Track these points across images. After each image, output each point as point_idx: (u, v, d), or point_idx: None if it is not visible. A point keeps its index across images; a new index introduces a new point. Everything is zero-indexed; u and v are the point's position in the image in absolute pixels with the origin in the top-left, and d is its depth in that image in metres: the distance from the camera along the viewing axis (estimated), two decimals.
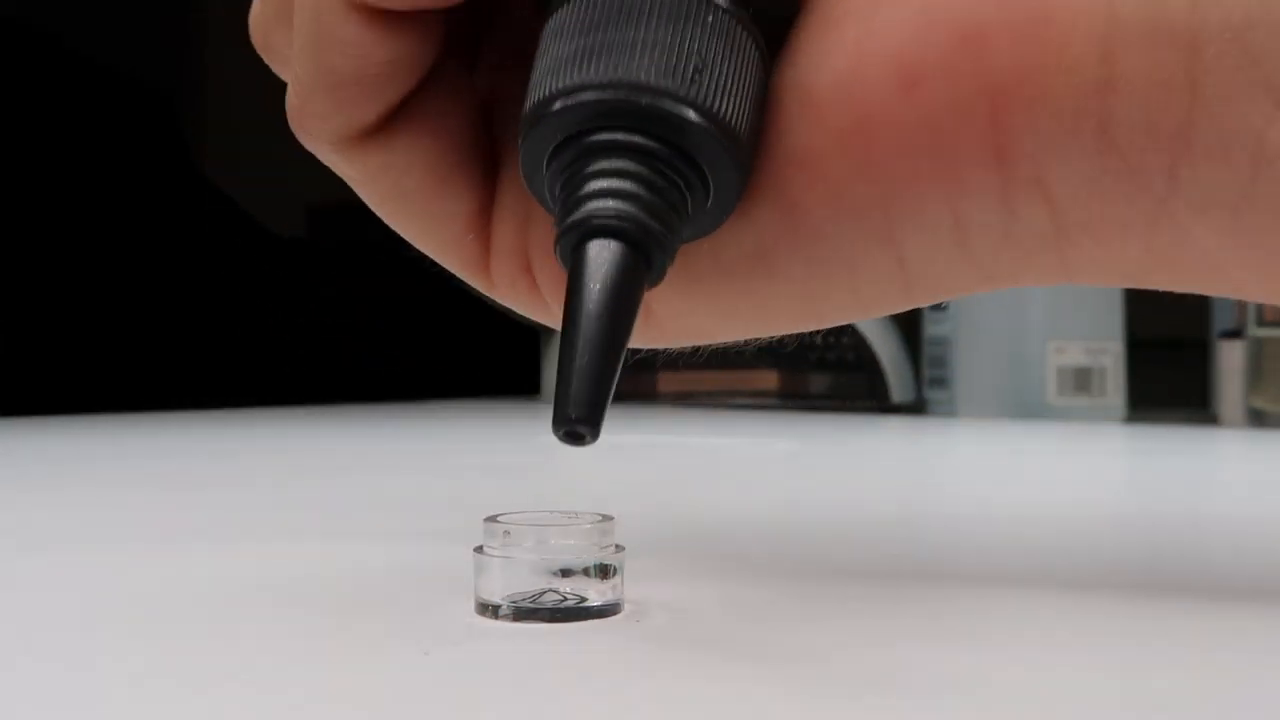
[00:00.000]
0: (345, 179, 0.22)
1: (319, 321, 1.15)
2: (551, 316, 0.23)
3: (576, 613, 0.20)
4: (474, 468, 0.55)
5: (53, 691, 0.17)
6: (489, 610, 0.20)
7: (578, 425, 0.17)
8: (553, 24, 0.19)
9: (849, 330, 1.05)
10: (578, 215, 0.18)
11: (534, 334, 1.07)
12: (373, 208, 0.23)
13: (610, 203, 0.18)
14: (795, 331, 0.23)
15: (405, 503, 0.41)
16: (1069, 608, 0.23)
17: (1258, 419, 0.74)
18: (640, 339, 0.23)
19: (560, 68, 0.19)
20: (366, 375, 1.17)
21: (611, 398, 0.17)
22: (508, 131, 0.22)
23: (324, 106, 0.20)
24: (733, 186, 0.19)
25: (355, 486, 0.46)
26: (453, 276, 0.24)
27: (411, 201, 0.22)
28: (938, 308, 0.88)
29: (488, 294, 0.24)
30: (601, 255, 0.18)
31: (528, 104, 0.19)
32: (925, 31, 0.19)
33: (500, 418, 0.90)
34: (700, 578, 0.25)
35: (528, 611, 0.20)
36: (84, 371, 1.01)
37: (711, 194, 0.19)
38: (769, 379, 1.09)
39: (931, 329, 0.89)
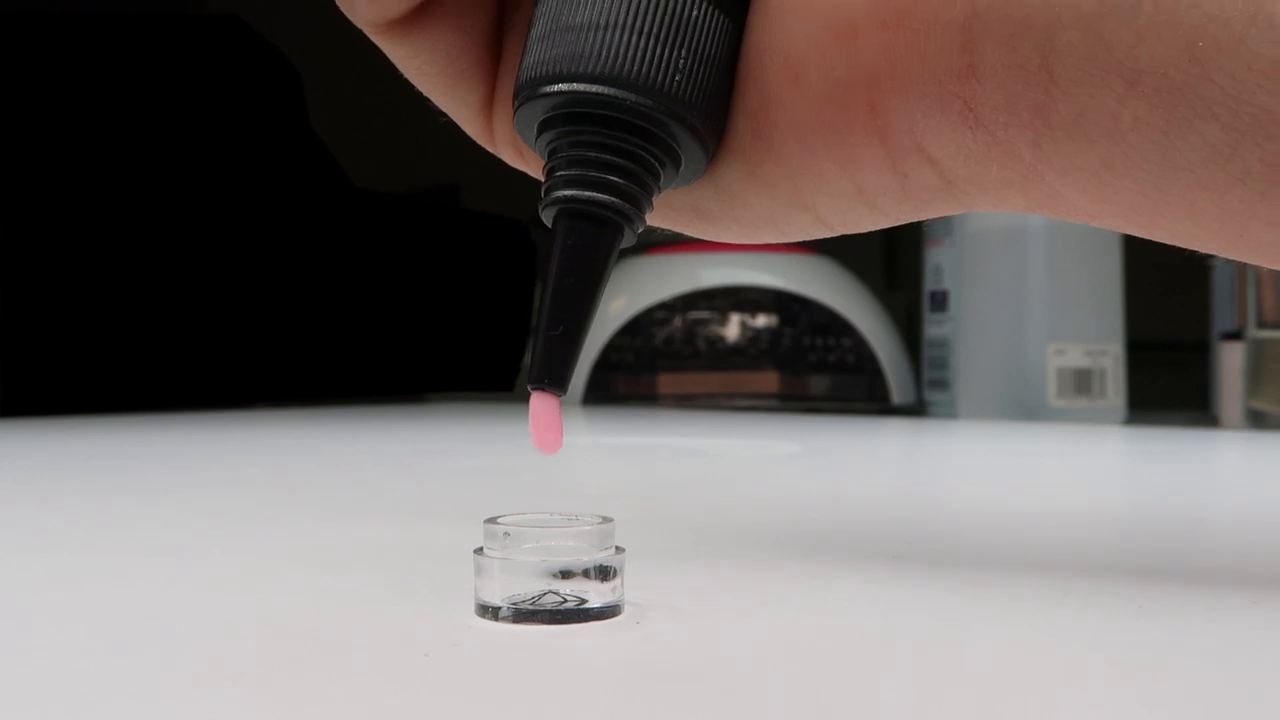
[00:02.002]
0: None
1: (319, 323, 1.15)
2: None
3: (576, 614, 0.20)
4: (474, 469, 0.55)
5: (52, 691, 0.17)
6: (489, 612, 0.20)
7: (546, 385, 0.21)
8: None
9: (849, 332, 1.05)
10: (554, 195, 0.21)
11: (529, 335, 1.07)
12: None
13: (578, 190, 0.21)
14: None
15: (405, 504, 0.41)
16: (1069, 609, 0.23)
17: (1257, 421, 0.74)
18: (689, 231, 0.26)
19: (548, 45, 0.21)
20: (366, 374, 1.17)
21: (579, 356, 0.21)
22: (515, 27, 0.24)
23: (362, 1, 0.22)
24: (701, 161, 0.22)
25: (354, 487, 0.46)
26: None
27: (433, 87, 0.24)
28: (938, 308, 0.88)
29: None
30: (569, 237, 0.21)
31: (521, 74, 0.22)
32: (804, 26, 0.21)
33: (500, 419, 0.90)
34: (700, 580, 0.25)
35: (528, 613, 0.20)
36: (72, 374, 1.01)
37: (682, 165, 0.22)
38: (769, 381, 1.09)
39: (932, 330, 0.89)
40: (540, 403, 0.21)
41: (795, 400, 1.08)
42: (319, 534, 0.33)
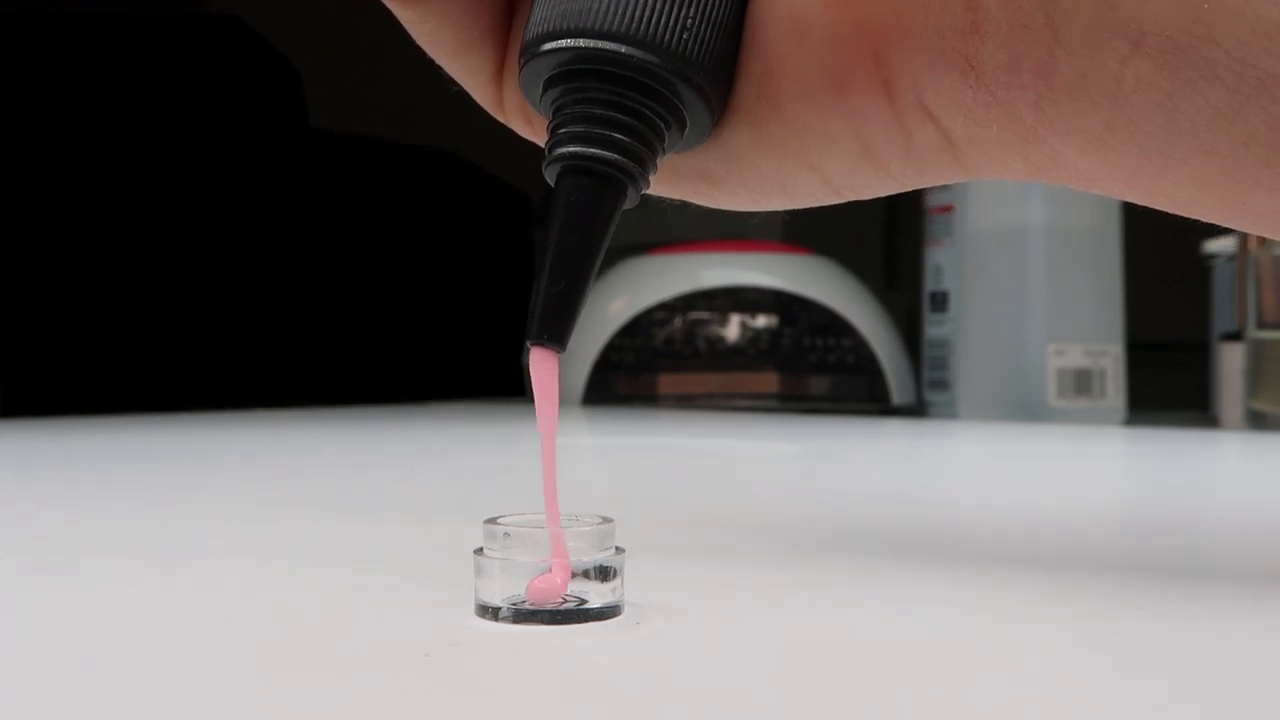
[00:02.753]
0: None
1: (319, 324, 1.15)
2: None
3: (576, 615, 0.20)
4: (474, 470, 0.55)
5: (51, 692, 0.17)
6: (489, 612, 0.20)
7: (545, 341, 0.21)
8: None
9: (849, 332, 1.05)
10: (557, 152, 0.21)
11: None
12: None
13: (582, 146, 0.21)
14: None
15: (404, 504, 0.41)
16: (1069, 609, 0.23)
17: (1257, 421, 0.74)
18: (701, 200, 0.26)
19: (555, 3, 0.21)
20: (366, 377, 1.17)
21: (579, 313, 0.21)
22: None
23: None
24: (706, 123, 0.22)
25: (354, 488, 0.46)
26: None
27: (444, 54, 0.24)
28: (938, 309, 0.88)
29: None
30: (572, 194, 0.21)
31: (527, 33, 0.21)
32: None
33: (500, 420, 0.90)
34: (700, 580, 0.25)
35: (528, 614, 0.20)
36: (73, 375, 1.01)
37: (687, 126, 0.22)
38: (769, 381, 1.09)
39: (932, 331, 0.89)
40: (539, 359, 0.21)
41: (795, 401, 1.08)
42: (319, 534, 0.33)
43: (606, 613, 0.20)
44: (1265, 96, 0.19)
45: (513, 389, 1.15)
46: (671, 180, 0.25)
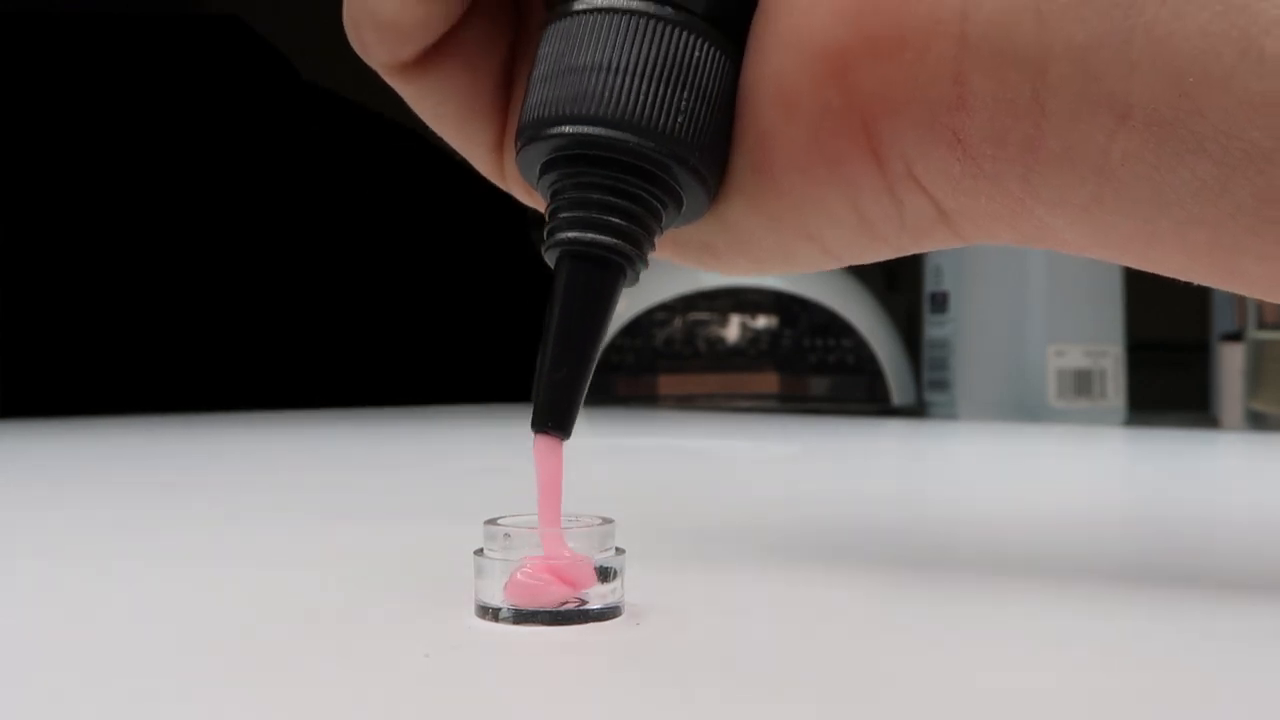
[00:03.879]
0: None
1: (319, 326, 1.15)
2: None
3: (576, 615, 0.20)
4: (474, 471, 0.55)
5: (51, 692, 0.17)
6: (489, 613, 0.20)
7: (549, 430, 0.21)
8: (550, 33, 0.21)
9: (849, 333, 1.05)
10: (556, 237, 0.21)
11: (536, 340, 1.07)
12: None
13: (581, 232, 0.21)
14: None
15: (405, 505, 0.41)
16: (1069, 610, 0.23)
17: (1258, 422, 0.74)
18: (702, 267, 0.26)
19: (551, 87, 0.21)
20: (367, 379, 1.17)
21: (583, 399, 0.21)
22: (525, 67, 0.24)
23: (370, 39, 0.23)
24: (703, 200, 0.22)
25: (355, 489, 0.46)
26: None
27: (446, 127, 0.24)
28: (937, 309, 0.88)
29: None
30: (571, 279, 0.21)
31: (522, 117, 0.22)
32: (795, 58, 0.21)
33: (500, 421, 0.90)
34: (700, 581, 0.25)
35: (528, 614, 0.20)
36: (84, 375, 1.01)
37: (684, 205, 0.22)
38: (769, 382, 1.09)
39: (932, 332, 0.89)
40: (544, 447, 0.21)
41: (795, 401, 1.08)
42: (319, 535, 0.33)
43: (606, 614, 0.20)
44: (1251, 169, 0.19)
45: (514, 393, 1.15)
46: (674, 250, 0.25)
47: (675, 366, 1.08)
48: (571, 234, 0.21)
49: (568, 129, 0.21)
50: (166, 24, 1.10)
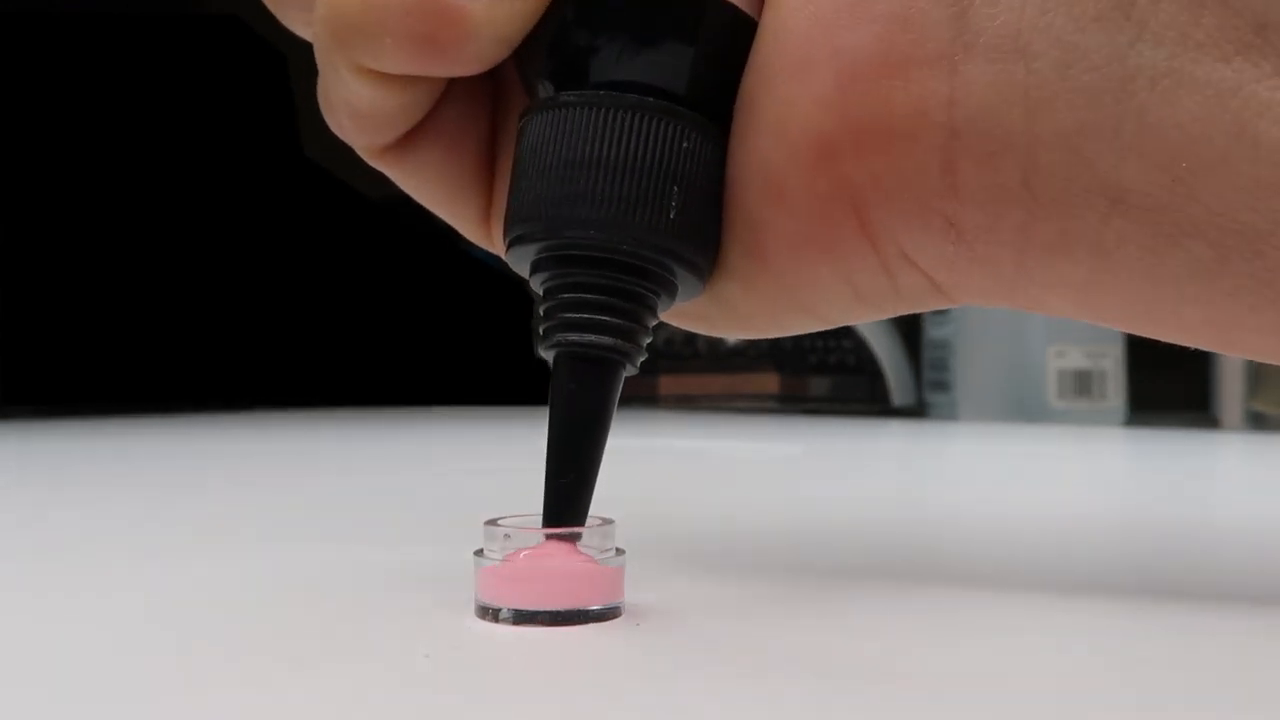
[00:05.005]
0: None
1: (320, 326, 1.15)
2: None
3: (576, 616, 0.20)
4: (474, 471, 0.55)
5: (49, 693, 0.17)
6: (489, 614, 0.20)
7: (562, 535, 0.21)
8: (533, 125, 0.21)
9: (850, 333, 1.05)
10: (554, 339, 0.21)
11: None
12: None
13: (578, 334, 0.21)
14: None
15: (405, 506, 0.41)
16: (1069, 610, 0.23)
17: (1258, 422, 0.74)
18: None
19: (538, 184, 0.20)
20: (368, 380, 1.17)
21: (590, 500, 0.21)
22: (507, 140, 0.24)
23: (348, 126, 0.23)
24: (696, 286, 0.22)
25: (355, 490, 0.46)
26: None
27: (432, 202, 0.24)
28: (938, 310, 0.88)
29: None
30: (571, 381, 0.21)
31: (507, 216, 0.21)
32: (781, 146, 0.20)
33: (500, 422, 0.90)
34: (700, 581, 0.25)
35: (528, 615, 0.20)
36: (74, 375, 1.01)
37: (678, 293, 0.22)
38: (769, 382, 1.09)
39: (932, 332, 0.89)
40: (555, 548, 0.21)
41: (795, 402, 1.08)
42: (318, 536, 0.33)
43: (606, 614, 0.20)
44: (1248, 250, 0.19)
45: (514, 394, 1.15)
46: (670, 317, 0.25)
47: (675, 367, 1.08)
48: (569, 335, 0.21)
49: (561, 233, 0.20)
50: (166, 24, 1.10)
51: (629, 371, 0.22)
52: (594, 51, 0.20)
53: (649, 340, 0.22)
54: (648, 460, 0.61)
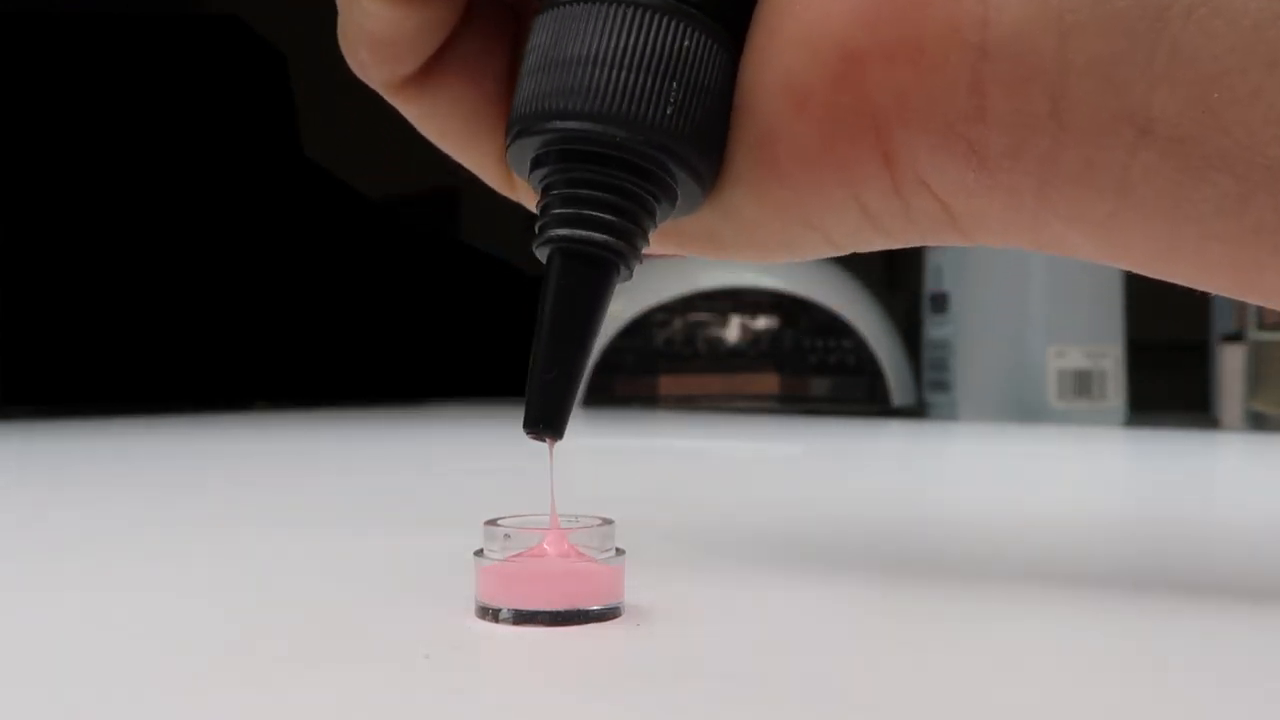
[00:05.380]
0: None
1: (320, 326, 1.15)
2: None
3: (576, 616, 0.20)
4: (474, 471, 0.55)
5: (49, 694, 0.17)
6: (489, 614, 0.20)
7: (541, 430, 0.21)
8: (540, 23, 0.21)
9: (850, 334, 1.05)
10: (547, 234, 0.21)
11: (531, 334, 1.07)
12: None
13: (572, 229, 0.21)
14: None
15: (405, 506, 0.41)
16: (1069, 610, 0.23)
17: (1258, 422, 0.74)
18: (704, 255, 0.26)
19: (540, 80, 0.20)
20: (368, 378, 1.17)
21: (575, 399, 0.21)
22: None
23: (367, 58, 0.23)
24: (697, 194, 0.22)
25: (355, 489, 0.46)
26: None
27: (451, 141, 0.24)
28: (938, 309, 0.88)
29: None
30: (563, 278, 0.21)
31: (513, 109, 0.21)
32: (808, 55, 0.20)
33: (500, 421, 0.90)
34: (700, 581, 0.25)
35: (528, 615, 0.20)
36: (73, 375, 1.01)
37: (679, 199, 0.21)
38: (769, 382, 1.09)
39: (932, 332, 0.89)
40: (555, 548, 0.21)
41: (795, 402, 1.08)
42: (318, 536, 0.33)
43: (606, 614, 0.20)
44: (1274, 185, 0.18)
45: (514, 392, 1.15)
46: (678, 241, 0.25)
47: (675, 367, 1.08)
48: (562, 231, 0.21)
49: (556, 124, 0.20)
50: (166, 24, 1.10)
51: (623, 276, 0.21)
52: None
53: (645, 245, 0.22)
54: (648, 460, 0.61)
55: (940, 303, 0.88)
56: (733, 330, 1.10)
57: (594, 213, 0.21)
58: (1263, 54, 0.18)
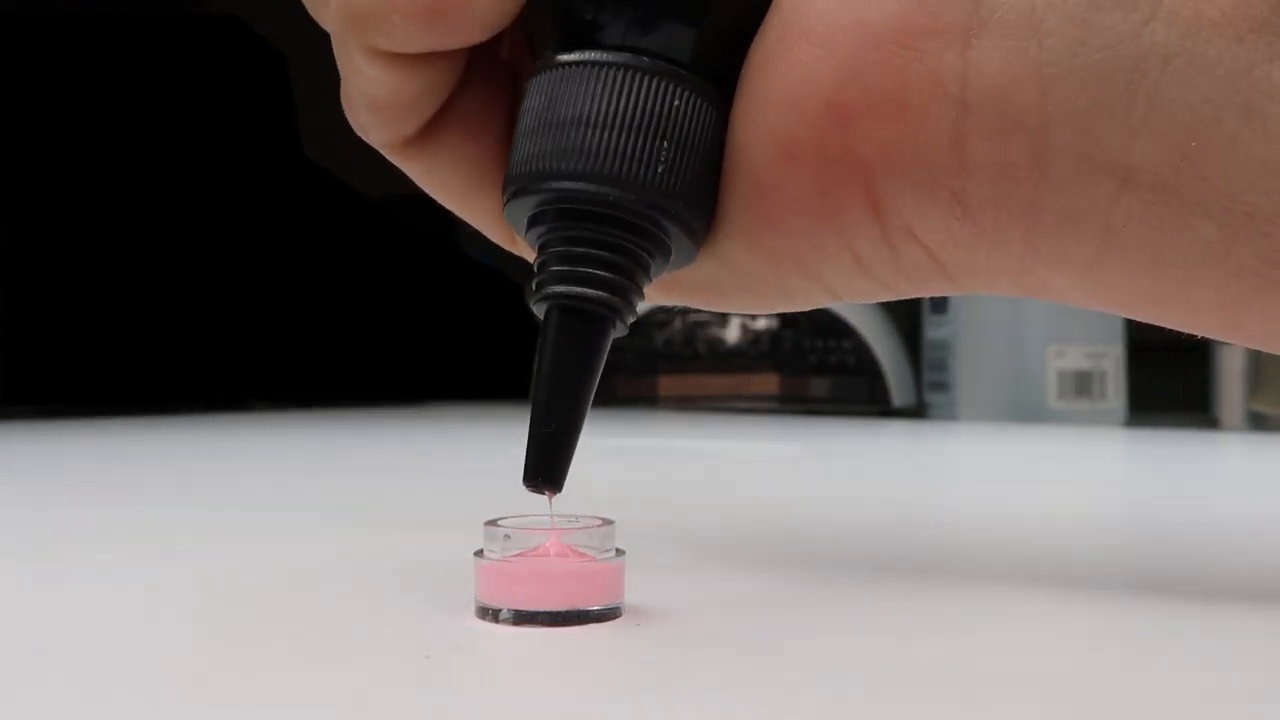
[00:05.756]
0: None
1: (320, 326, 1.15)
2: None
3: (576, 616, 0.20)
4: (474, 471, 0.55)
5: (57, 693, 0.17)
6: (489, 614, 0.20)
7: (540, 485, 0.21)
8: (534, 86, 0.21)
9: (850, 334, 1.05)
10: (544, 291, 0.21)
11: (535, 339, 1.07)
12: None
13: (568, 286, 0.21)
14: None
15: (405, 506, 0.41)
16: (1069, 610, 0.23)
17: (1258, 423, 0.74)
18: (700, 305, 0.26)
19: (535, 141, 0.21)
20: (368, 378, 1.17)
21: (573, 452, 0.21)
22: None
23: (368, 120, 0.23)
24: (690, 248, 0.22)
25: (355, 489, 0.46)
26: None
27: (452, 198, 0.25)
28: (937, 310, 0.88)
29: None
30: (560, 334, 0.21)
31: (508, 171, 0.22)
32: (795, 112, 0.21)
33: (501, 421, 0.90)
34: (700, 581, 0.25)
35: (528, 615, 0.20)
36: (80, 373, 1.01)
37: (672, 253, 0.22)
38: (769, 383, 1.09)
39: (932, 333, 0.89)
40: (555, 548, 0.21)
41: (795, 402, 1.08)
42: (318, 536, 0.33)
43: (606, 614, 0.20)
44: (1254, 230, 0.19)
45: (513, 392, 1.15)
46: (678, 293, 0.25)
47: (675, 367, 1.08)
48: (559, 288, 0.21)
49: (551, 184, 0.21)
50: (166, 24, 1.10)
51: (619, 331, 0.22)
52: (596, 16, 0.21)
53: (640, 300, 0.22)
54: (648, 460, 0.61)
55: (940, 303, 0.88)
56: (732, 330, 1.10)
57: (589, 269, 0.21)
58: (1238, 102, 0.18)
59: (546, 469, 0.21)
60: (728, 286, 0.24)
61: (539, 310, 0.22)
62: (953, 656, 0.19)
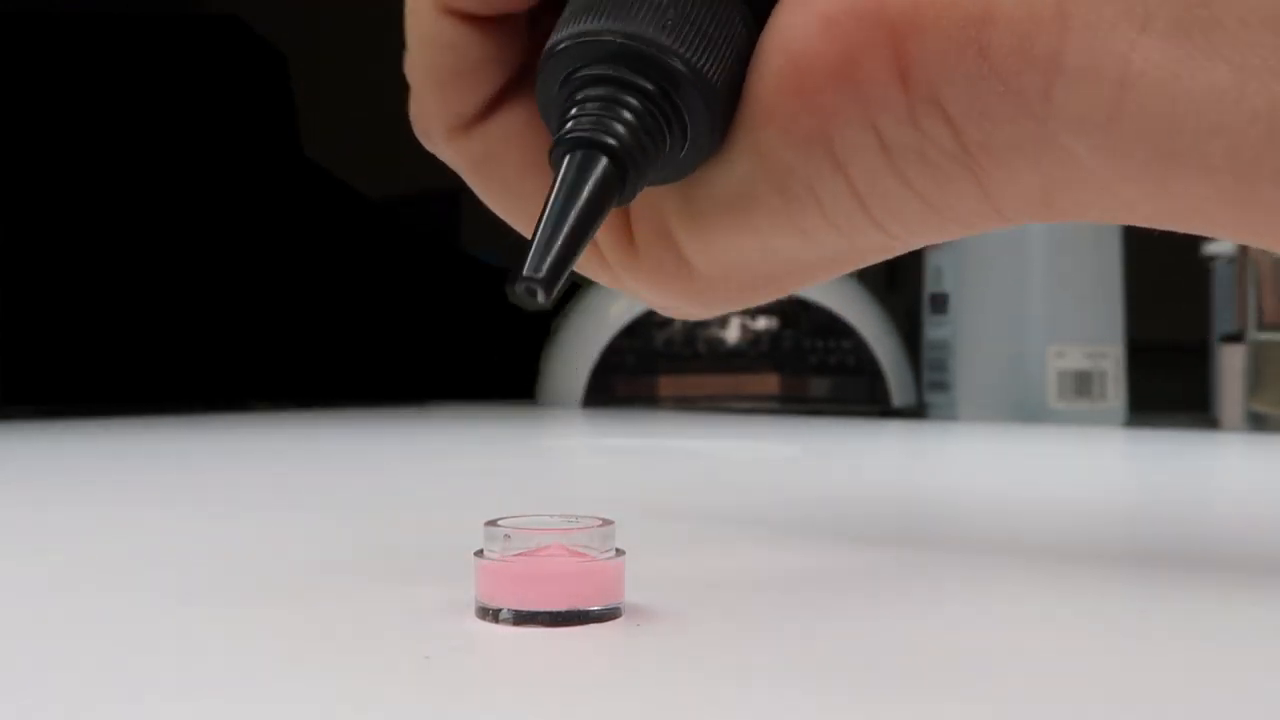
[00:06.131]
0: (458, 171, 0.26)
1: (320, 326, 1.15)
2: (619, 282, 0.27)
3: (576, 616, 0.20)
4: (474, 471, 0.55)
5: (57, 693, 0.17)
6: (489, 614, 0.20)
7: (532, 284, 0.20)
8: None
9: (850, 334, 1.05)
10: (563, 132, 0.22)
11: (536, 340, 1.07)
12: (480, 195, 0.26)
13: (590, 121, 0.21)
14: (803, 274, 0.26)
15: (405, 506, 0.41)
16: (1069, 610, 0.23)
17: (1258, 423, 0.74)
18: (683, 298, 0.26)
19: (573, 15, 0.22)
20: (368, 378, 1.17)
21: (568, 273, 0.20)
22: None
23: (434, 103, 0.24)
24: (706, 132, 0.22)
25: (356, 489, 0.46)
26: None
27: (509, 186, 0.25)
28: (937, 310, 0.88)
29: None
30: (576, 161, 0.21)
31: (546, 46, 0.22)
32: None
33: (501, 422, 0.90)
34: (700, 582, 0.25)
35: (528, 615, 0.20)
36: (80, 373, 1.01)
37: (688, 137, 0.22)
38: (770, 383, 1.09)
39: (932, 333, 0.89)
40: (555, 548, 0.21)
41: (795, 402, 1.08)
42: (319, 536, 0.33)
43: (606, 614, 0.20)
44: (1267, 74, 0.20)
45: (513, 392, 1.15)
46: (713, 214, 0.25)
47: (675, 367, 1.08)
48: (571, 128, 0.21)
49: (571, 29, 0.21)
50: (166, 24, 1.10)
51: (626, 193, 0.22)
52: None
53: (650, 166, 0.22)
54: (648, 460, 0.61)
55: (940, 303, 0.88)
56: (732, 330, 1.10)
57: (605, 114, 0.21)
58: None
59: (544, 266, 0.20)
60: (760, 189, 0.24)
61: (555, 157, 0.22)
62: (953, 657, 0.19)
